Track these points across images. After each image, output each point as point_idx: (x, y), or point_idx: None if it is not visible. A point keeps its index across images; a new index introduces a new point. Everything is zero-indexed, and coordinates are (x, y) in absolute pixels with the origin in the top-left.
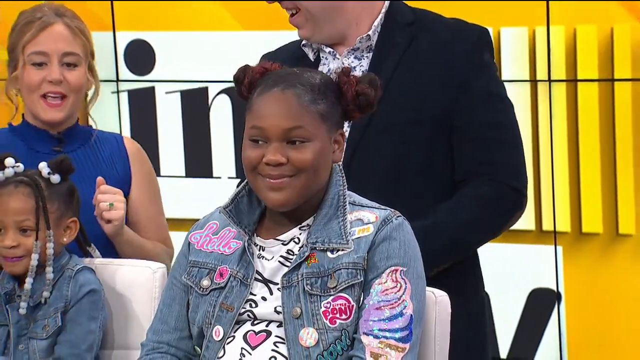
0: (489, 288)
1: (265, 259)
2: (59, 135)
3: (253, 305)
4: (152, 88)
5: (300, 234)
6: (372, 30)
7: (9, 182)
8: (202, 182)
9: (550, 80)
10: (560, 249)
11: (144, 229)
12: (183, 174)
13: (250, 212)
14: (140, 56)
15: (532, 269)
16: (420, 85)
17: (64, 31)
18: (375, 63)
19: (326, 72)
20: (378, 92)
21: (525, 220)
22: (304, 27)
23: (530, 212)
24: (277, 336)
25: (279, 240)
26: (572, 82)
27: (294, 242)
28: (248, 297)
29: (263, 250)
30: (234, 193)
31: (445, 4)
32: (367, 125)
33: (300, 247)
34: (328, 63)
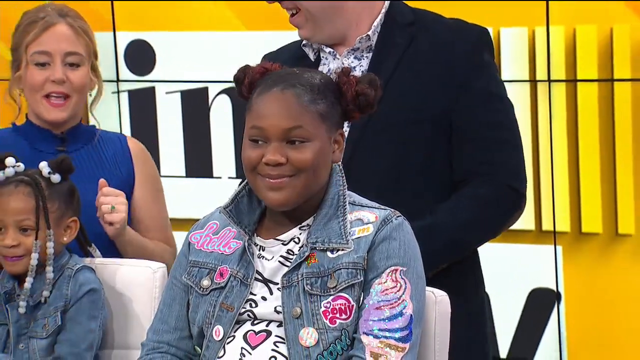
0: (488, 288)
1: (265, 258)
2: (62, 135)
3: (253, 305)
4: (153, 88)
5: (300, 234)
6: (371, 31)
7: (10, 181)
8: (202, 182)
9: (549, 81)
10: (560, 248)
11: (147, 229)
12: (183, 174)
13: (250, 212)
14: (140, 56)
15: (531, 269)
16: (420, 85)
17: (67, 31)
18: (375, 63)
19: (326, 72)
20: (378, 92)
21: (525, 220)
22: (304, 27)
23: (529, 212)
24: (277, 336)
25: (279, 240)
26: (572, 82)
27: (294, 242)
28: (248, 297)
29: (263, 250)
30: (234, 193)
31: (445, 4)
32: (365, 126)
33: (300, 247)
34: (328, 63)
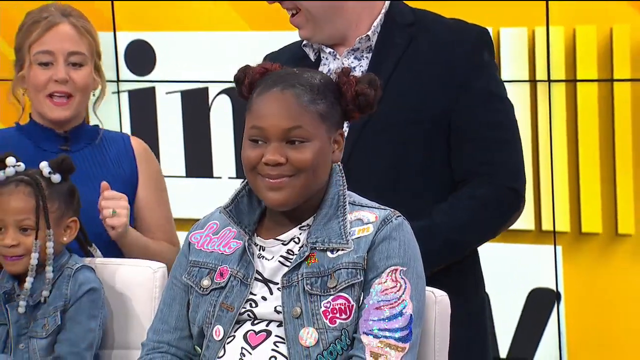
0: (488, 288)
1: (266, 258)
2: (66, 134)
3: (253, 305)
4: (153, 88)
5: (300, 234)
6: (371, 31)
7: (10, 181)
8: (202, 182)
9: (549, 81)
10: (559, 248)
11: (151, 228)
12: (183, 174)
13: (250, 212)
14: (140, 56)
15: (531, 268)
16: (420, 85)
17: (70, 31)
18: (375, 63)
19: (326, 72)
20: (378, 93)
21: (524, 220)
22: (305, 28)
23: (529, 212)
24: (277, 336)
25: (279, 240)
26: (572, 82)
27: (294, 242)
28: (248, 296)
29: (263, 250)
30: (234, 193)
31: (445, 4)
32: (364, 126)
33: (300, 247)
34: (328, 63)
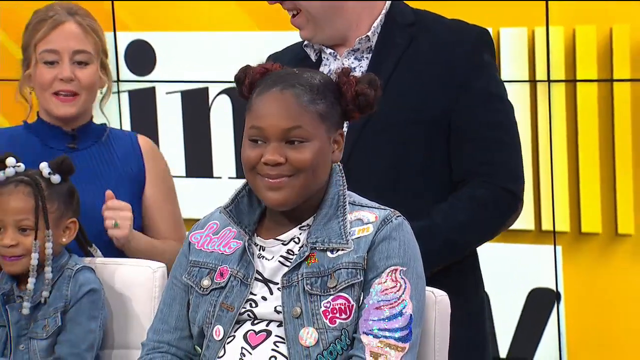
0: (488, 288)
1: (266, 258)
2: (73, 132)
3: (253, 305)
4: (153, 88)
5: (300, 234)
6: (371, 31)
7: (10, 181)
8: (202, 182)
9: (549, 81)
10: (559, 248)
11: (158, 227)
12: (183, 174)
13: (250, 212)
14: (140, 56)
15: (531, 268)
16: (421, 85)
17: (76, 29)
18: (374, 64)
19: (327, 72)
20: (377, 93)
21: (524, 220)
22: (305, 28)
23: (529, 212)
24: (277, 336)
25: (279, 240)
26: (571, 82)
27: (294, 242)
28: (248, 296)
29: (263, 250)
30: (234, 193)
31: (445, 4)
32: (364, 126)
33: (300, 247)
34: (329, 64)
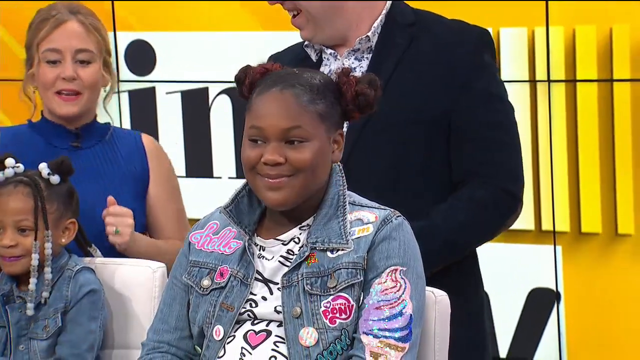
0: (488, 288)
1: (266, 258)
2: (77, 131)
3: (253, 305)
4: (153, 88)
5: (300, 234)
6: (371, 32)
7: (9, 182)
8: (202, 182)
9: (549, 81)
10: (559, 248)
11: (162, 227)
12: (183, 174)
13: (250, 212)
14: (140, 56)
15: (531, 268)
16: (421, 86)
17: (78, 28)
18: (374, 64)
19: (327, 72)
20: (377, 93)
21: (524, 220)
22: (306, 28)
23: (529, 212)
24: (277, 336)
25: (279, 240)
26: (571, 82)
27: (294, 242)
28: (248, 296)
29: (263, 250)
30: (234, 193)
31: (445, 4)
32: (364, 126)
33: (300, 247)
34: (329, 64)
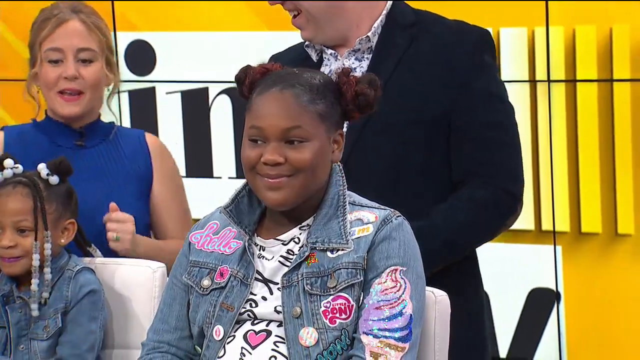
0: (488, 288)
1: (266, 258)
2: (81, 130)
3: (253, 305)
4: (153, 88)
5: (300, 234)
6: (371, 32)
7: (8, 182)
8: (202, 182)
9: (549, 81)
10: (559, 248)
11: (166, 226)
12: (183, 174)
13: (250, 212)
14: (140, 56)
15: (531, 268)
16: (421, 86)
17: (79, 27)
18: (375, 64)
19: (328, 73)
20: (377, 93)
21: (524, 220)
22: (306, 29)
23: (529, 212)
24: (277, 336)
25: (279, 240)
26: (571, 82)
27: (294, 242)
28: (248, 296)
29: (263, 250)
30: (234, 193)
31: (445, 4)
32: (364, 126)
33: (300, 247)
34: (330, 64)
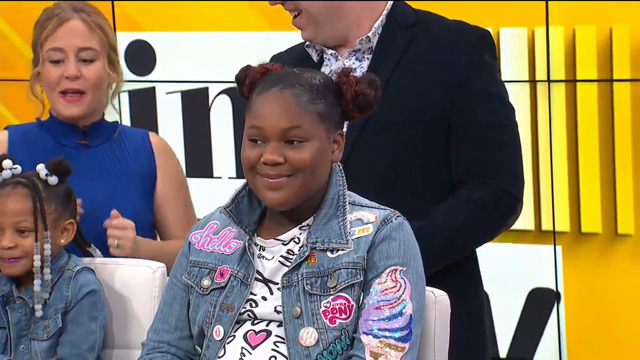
0: (488, 288)
1: (266, 258)
2: (85, 129)
3: (253, 304)
4: (153, 88)
5: (300, 234)
6: (372, 32)
7: (7, 183)
8: (202, 182)
9: (549, 81)
10: (559, 248)
11: (169, 225)
12: (183, 174)
13: (250, 212)
14: (140, 57)
15: (531, 268)
16: (421, 86)
17: (80, 26)
18: (375, 64)
19: (328, 73)
20: (377, 93)
21: (524, 220)
22: (306, 29)
23: (529, 212)
24: (277, 336)
25: (279, 240)
26: (571, 82)
27: (294, 242)
28: (248, 296)
29: (263, 250)
30: (234, 193)
31: (445, 4)
32: (364, 126)
33: (300, 247)
34: (330, 64)
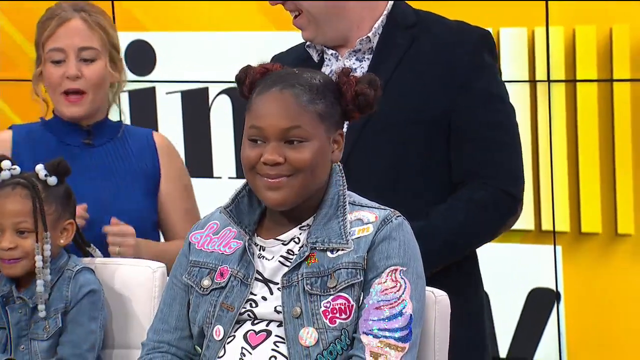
0: (488, 288)
1: (266, 258)
2: (89, 128)
3: (253, 304)
4: (153, 88)
5: (300, 234)
6: (372, 32)
7: (6, 184)
8: (202, 182)
9: (549, 81)
10: (559, 248)
11: (173, 225)
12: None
13: (250, 212)
14: (140, 57)
15: (531, 268)
16: (422, 86)
17: (81, 26)
18: (375, 64)
19: (328, 73)
20: (377, 93)
21: (524, 220)
22: (307, 29)
23: (529, 212)
24: (277, 336)
25: (279, 240)
26: (571, 82)
27: (294, 242)
28: (248, 296)
29: (263, 250)
30: (234, 193)
31: (445, 4)
32: (364, 126)
33: (300, 247)
34: (331, 65)
